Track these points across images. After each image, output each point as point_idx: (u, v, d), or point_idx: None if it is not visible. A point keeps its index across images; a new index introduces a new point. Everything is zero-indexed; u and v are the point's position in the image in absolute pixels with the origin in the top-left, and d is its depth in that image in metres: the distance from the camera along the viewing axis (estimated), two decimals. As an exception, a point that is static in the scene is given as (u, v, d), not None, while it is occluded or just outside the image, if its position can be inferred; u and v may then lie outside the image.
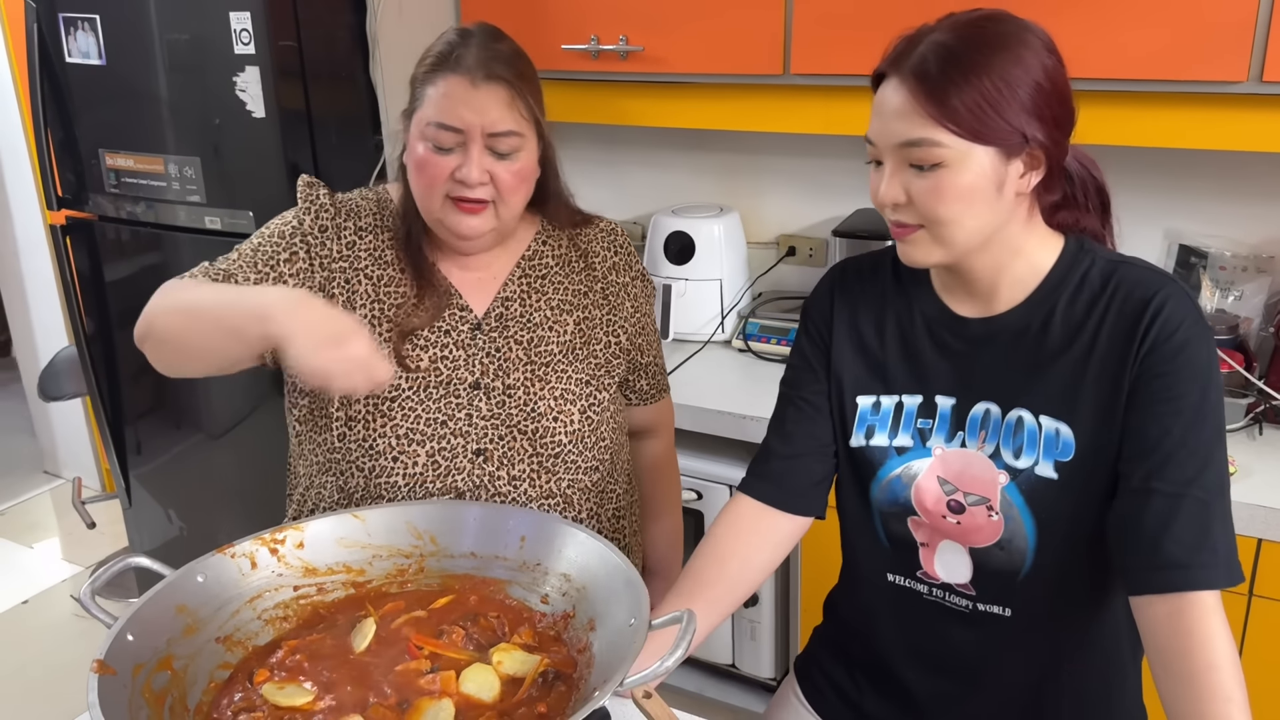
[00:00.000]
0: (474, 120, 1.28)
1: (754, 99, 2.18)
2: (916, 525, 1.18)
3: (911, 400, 1.19)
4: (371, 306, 1.37)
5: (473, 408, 1.36)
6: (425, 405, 1.35)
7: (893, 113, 1.05)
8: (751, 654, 2.25)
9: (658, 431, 1.64)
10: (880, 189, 1.09)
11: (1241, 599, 1.71)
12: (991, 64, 1.02)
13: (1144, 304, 1.07)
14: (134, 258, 2.55)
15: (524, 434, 1.37)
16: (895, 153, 1.06)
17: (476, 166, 1.29)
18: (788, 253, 2.54)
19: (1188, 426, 1.04)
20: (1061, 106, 1.06)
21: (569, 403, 1.39)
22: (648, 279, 1.55)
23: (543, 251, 1.46)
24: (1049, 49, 1.06)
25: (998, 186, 1.05)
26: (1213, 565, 1.02)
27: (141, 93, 2.31)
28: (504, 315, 1.41)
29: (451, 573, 1.20)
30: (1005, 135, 1.03)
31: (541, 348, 1.40)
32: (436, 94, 1.30)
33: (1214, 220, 2.11)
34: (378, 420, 1.34)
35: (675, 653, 0.96)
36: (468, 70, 1.28)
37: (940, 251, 1.10)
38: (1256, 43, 1.69)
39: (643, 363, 1.53)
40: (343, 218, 1.39)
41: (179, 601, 1.08)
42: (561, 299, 1.44)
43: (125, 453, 2.79)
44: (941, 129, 1.02)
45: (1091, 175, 1.16)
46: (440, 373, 1.36)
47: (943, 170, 1.04)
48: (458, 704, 1.00)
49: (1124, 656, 1.22)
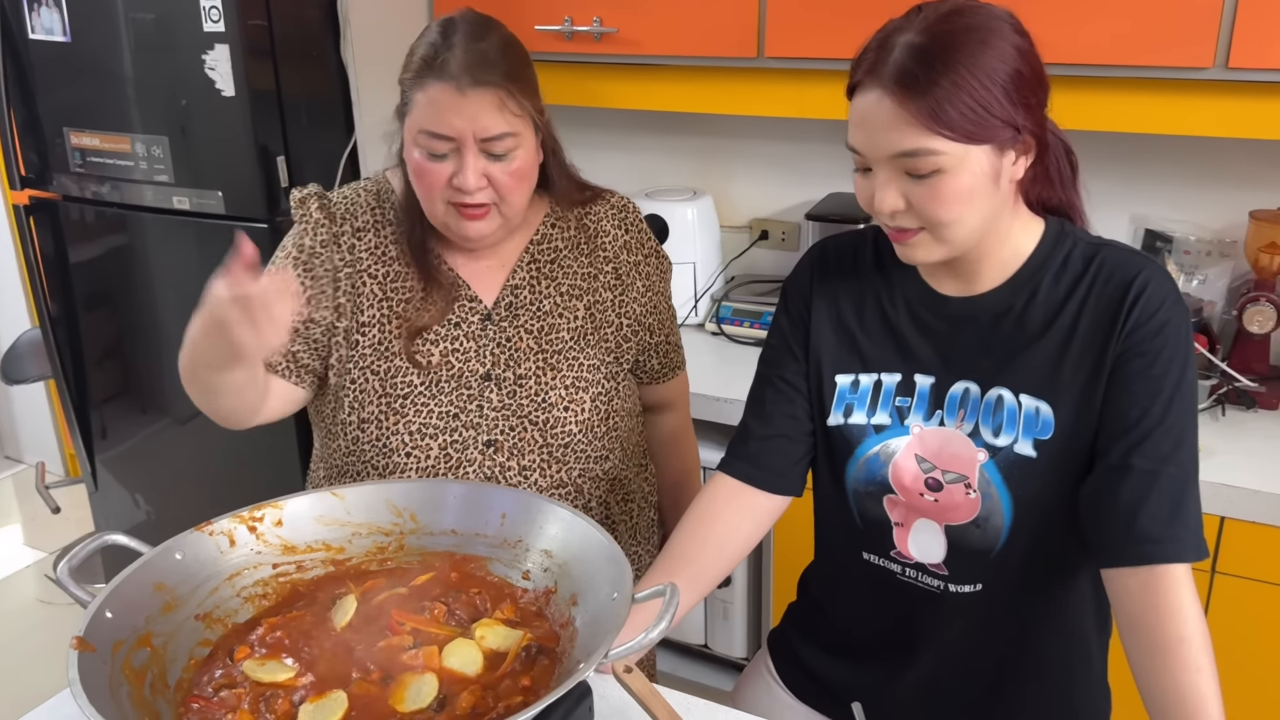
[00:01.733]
0: (465, 127, 1.25)
1: (728, 82, 2.18)
2: (893, 504, 1.20)
3: (890, 379, 1.20)
4: (380, 306, 1.36)
5: (484, 399, 1.36)
6: (438, 399, 1.35)
7: (880, 124, 1.04)
8: (724, 634, 2.27)
9: (673, 406, 1.62)
10: (876, 198, 1.07)
11: (1205, 575, 1.74)
12: (971, 60, 1.01)
13: (1126, 285, 1.09)
14: (100, 239, 2.51)
15: (534, 424, 1.36)
16: (889, 163, 1.05)
17: (472, 173, 1.26)
18: (760, 236, 2.55)
19: (1166, 405, 1.07)
20: (1040, 87, 1.07)
21: (580, 391, 1.38)
22: (662, 255, 1.52)
23: (551, 235, 1.44)
24: (1018, 30, 1.06)
25: (994, 180, 1.06)
26: (1184, 540, 1.05)
27: (107, 70, 2.28)
28: (514, 304, 1.39)
29: (432, 550, 1.20)
30: (998, 131, 1.03)
31: (552, 335, 1.39)
32: (425, 100, 1.26)
33: (1179, 205, 2.15)
34: (390, 419, 1.34)
35: (659, 624, 0.96)
36: (453, 77, 1.24)
37: (943, 250, 1.10)
38: (1222, 29, 1.72)
39: (653, 342, 1.51)
40: (339, 224, 1.37)
41: (157, 579, 1.07)
42: (571, 284, 1.42)
43: (91, 437, 2.75)
44: (936, 136, 1.01)
45: (1060, 140, 1.17)
46: (452, 366, 1.36)
47: (941, 176, 1.03)
48: (441, 678, 1.01)
49: (1089, 638, 1.24)
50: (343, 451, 1.38)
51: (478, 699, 0.98)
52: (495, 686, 1.00)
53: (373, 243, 1.37)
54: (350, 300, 1.35)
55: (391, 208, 1.39)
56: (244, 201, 2.22)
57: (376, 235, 1.38)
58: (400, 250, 1.38)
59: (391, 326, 1.35)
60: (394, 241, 1.38)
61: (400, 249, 1.38)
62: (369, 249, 1.37)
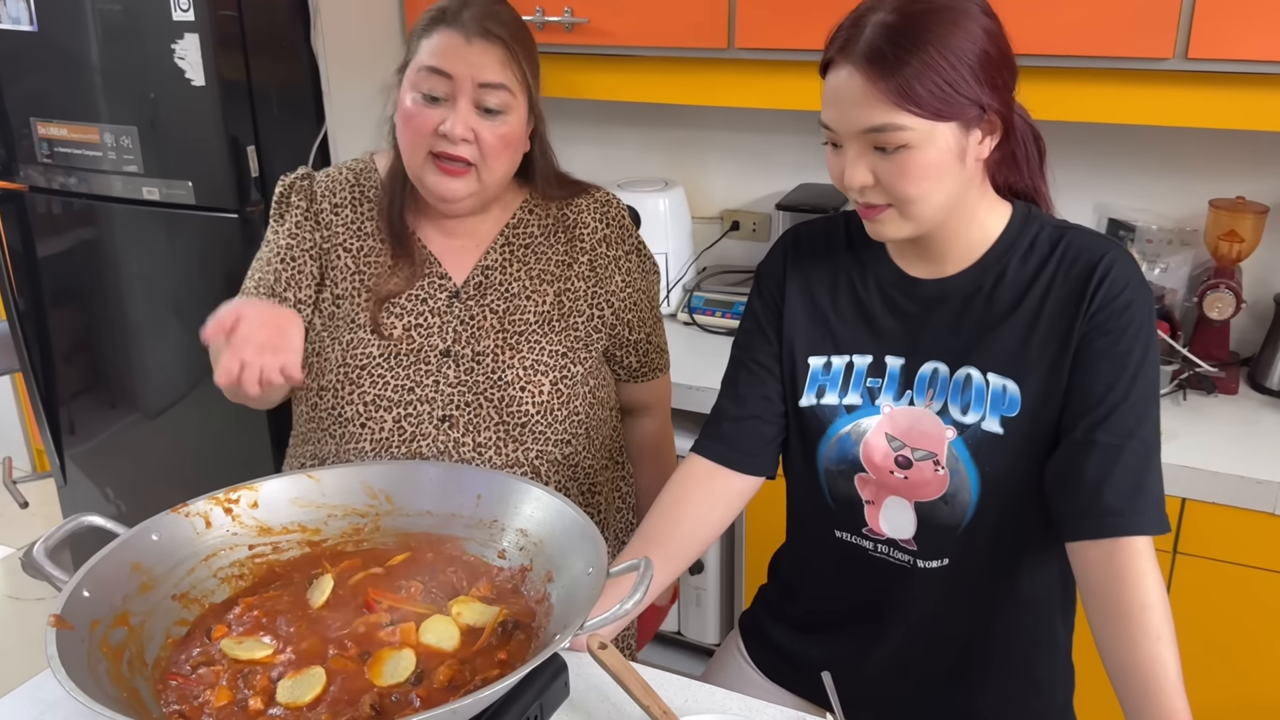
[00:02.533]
0: (465, 71, 1.28)
1: (698, 73, 2.20)
2: (864, 482, 1.22)
3: (861, 360, 1.22)
4: (352, 280, 1.38)
5: (440, 374, 1.37)
6: (395, 372, 1.36)
7: (850, 100, 1.06)
8: (697, 620, 2.29)
9: (650, 409, 1.61)
10: (845, 173, 1.10)
11: (1166, 556, 1.78)
12: (941, 40, 1.04)
13: (1092, 266, 1.12)
14: (68, 231, 2.49)
15: (490, 401, 1.37)
16: (858, 138, 1.08)
17: (462, 121, 1.28)
18: (732, 227, 2.57)
19: (1130, 382, 1.09)
20: (1008, 69, 1.10)
21: (539, 373, 1.38)
22: (645, 254, 1.51)
23: (528, 220, 1.44)
24: (986, 13, 1.08)
25: (960, 157, 1.08)
26: (1147, 513, 1.08)
27: (75, 60, 2.26)
28: (483, 284, 1.40)
29: (408, 531, 1.21)
30: (964, 109, 1.06)
31: (517, 316, 1.40)
32: (431, 45, 1.30)
33: (1142, 195, 2.19)
34: (346, 388, 1.35)
35: (634, 596, 0.98)
36: (463, 26, 1.29)
37: (910, 226, 1.12)
38: (1182, 21, 1.75)
39: (631, 339, 1.50)
40: (317, 201, 1.39)
41: (134, 559, 1.08)
42: (543, 269, 1.43)
43: (59, 431, 2.73)
44: (903, 112, 1.04)
45: (1028, 124, 1.19)
46: (413, 340, 1.37)
47: (908, 151, 1.06)
48: (418, 653, 1.02)
49: (1054, 613, 1.27)
50: (305, 418, 1.41)
51: (455, 673, 0.99)
52: (472, 661, 1.02)
53: (349, 218, 1.39)
54: (326, 273, 1.38)
55: (372, 187, 1.41)
56: (214, 192, 2.21)
57: (354, 211, 1.40)
58: (376, 226, 1.39)
59: (361, 299, 1.37)
60: (370, 218, 1.40)
61: (376, 225, 1.39)
62: (345, 224, 1.39)
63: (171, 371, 2.45)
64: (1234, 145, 2.07)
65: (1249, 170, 2.08)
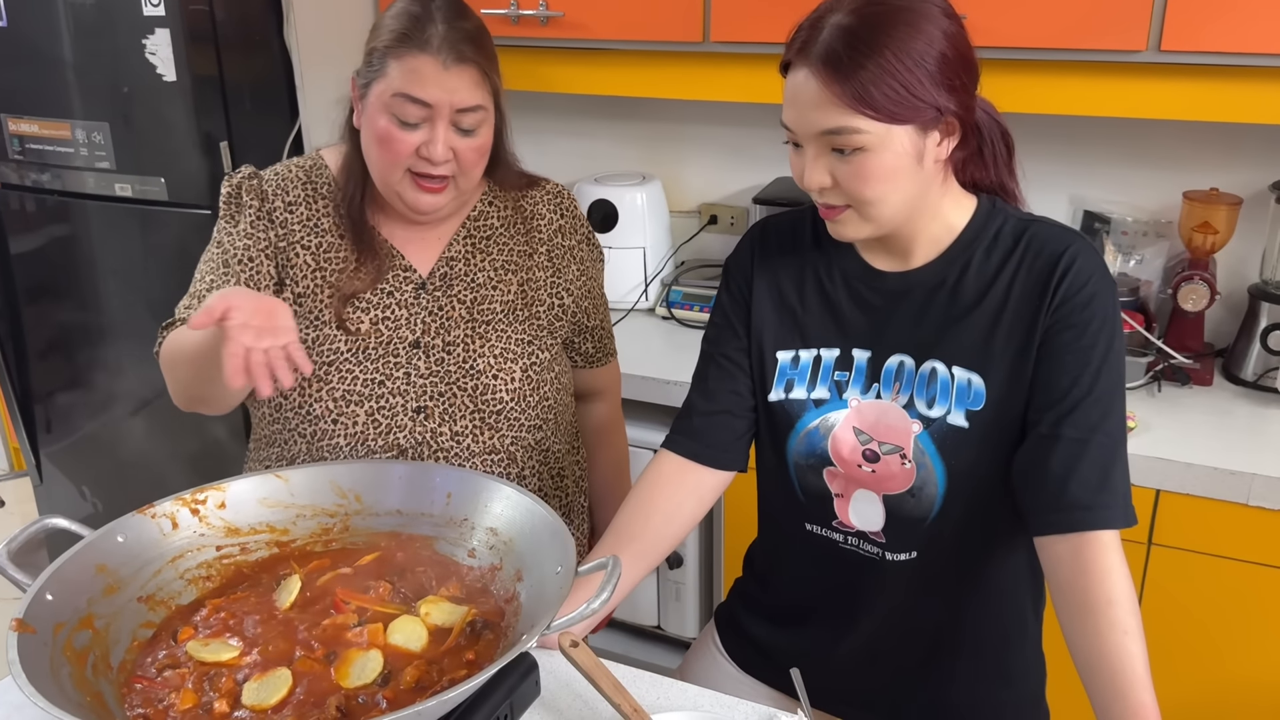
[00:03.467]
0: (443, 98, 1.27)
1: (674, 67, 2.19)
2: (832, 476, 1.22)
3: (829, 354, 1.22)
4: (313, 277, 1.37)
5: (411, 366, 1.37)
6: (363, 366, 1.35)
7: (808, 102, 1.06)
8: (676, 614, 2.29)
9: (604, 394, 1.65)
10: (805, 174, 1.10)
11: (1141, 547, 1.79)
12: (896, 43, 1.03)
13: (1055, 259, 1.12)
14: (41, 228, 2.47)
15: (464, 390, 1.38)
16: (816, 140, 1.08)
17: (442, 144, 1.29)
18: (710, 221, 2.56)
19: (1095, 376, 1.10)
20: (967, 71, 1.09)
21: (510, 361, 1.40)
22: (595, 244, 1.54)
23: (488, 213, 1.46)
24: (947, 14, 1.07)
25: (917, 159, 1.08)
26: (1113, 506, 1.08)
27: (46, 55, 2.24)
28: (448, 275, 1.41)
29: (377, 530, 1.21)
30: (921, 112, 1.05)
31: (485, 306, 1.41)
32: (404, 68, 1.27)
33: (1116, 187, 2.19)
34: (314, 385, 1.34)
35: (601, 595, 0.98)
36: (438, 51, 1.27)
37: (870, 227, 1.12)
38: (1155, 13, 1.76)
39: (589, 326, 1.53)
40: (270, 200, 1.38)
41: (99, 561, 1.07)
42: (506, 259, 1.44)
43: (35, 430, 2.72)
44: (859, 116, 1.04)
45: (996, 121, 1.19)
46: (381, 334, 1.37)
47: (864, 154, 1.06)
48: (386, 654, 1.02)
49: (1024, 606, 1.27)
50: (268, 419, 1.40)
51: (422, 673, 0.99)
52: (440, 661, 1.01)
53: (304, 215, 1.39)
54: (285, 272, 1.37)
55: (325, 183, 1.40)
56: (187, 188, 2.20)
57: (308, 208, 1.39)
58: (333, 222, 1.39)
59: (323, 296, 1.36)
60: (326, 214, 1.39)
61: (333, 221, 1.39)
62: (301, 221, 1.38)
63: (147, 368, 2.42)
64: (1208, 137, 2.07)
65: (1223, 162, 2.08)
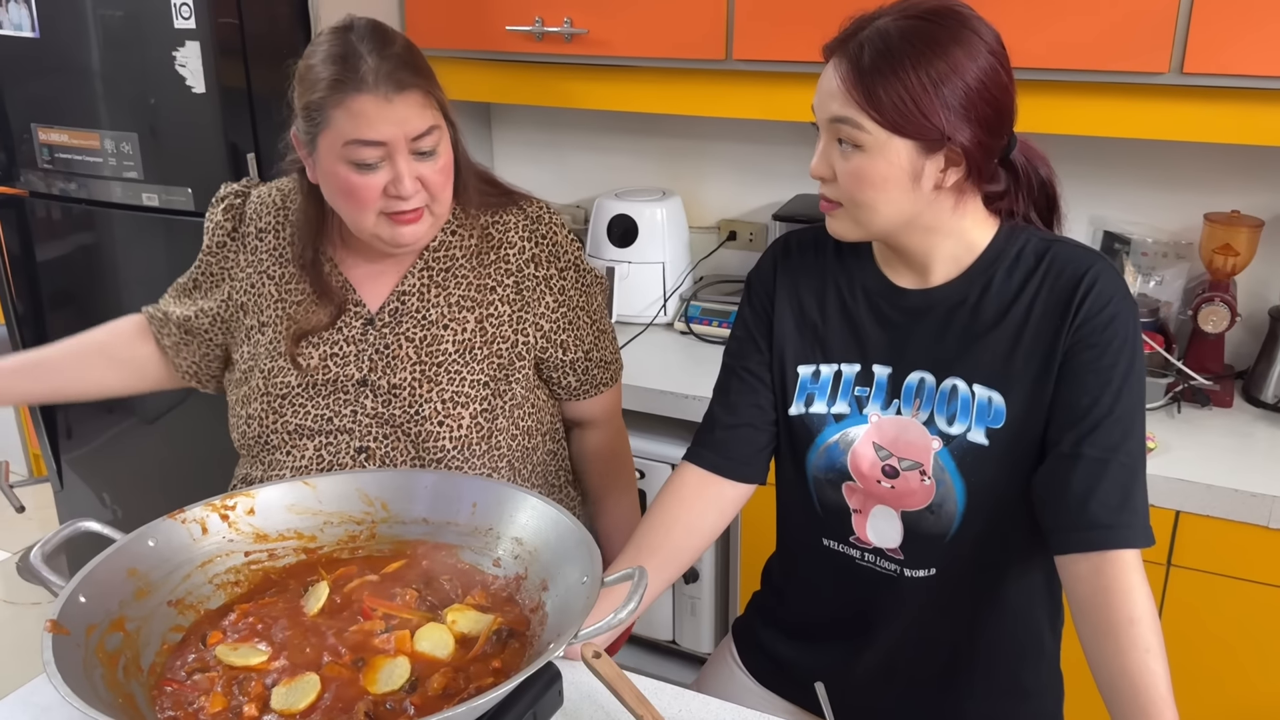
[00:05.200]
0: (395, 132, 1.24)
1: (696, 84, 2.21)
2: (851, 491, 1.22)
3: (850, 369, 1.23)
4: (275, 308, 1.39)
5: (359, 404, 1.36)
6: (315, 402, 1.36)
7: (828, 90, 1.10)
8: (692, 629, 2.29)
9: (597, 423, 1.58)
10: (812, 161, 1.14)
11: (1160, 569, 1.78)
12: (920, 58, 1.05)
13: (1077, 279, 1.12)
14: (67, 236, 2.50)
15: (407, 435, 1.36)
16: (827, 127, 1.12)
17: (409, 179, 1.26)
18: (729, 237, 2.57)
19: (1115, 396, 1.10)
20: (991, 109, 1.08)
21: (459, 406, 1.36)
22: (584, 269, 1.46)
23: (450, 243, 1.40)
24: (992, 51, 1.08)
25: (914, 178, 1.09)
26: (1135, 526, 1.08)
27: (76, 66, 2.27)
28: (399, 310, 1.38)
29: (403, 539, 1.22)
30: (925, 131, 1.06)
31: (435, 347, 1.37)
32: (348, 114, 1.24)
33: (1137, 208, 2.20)
34: (270, 418, 1.37)
35: (629, 605, 0.98)
36: (376, 86, 1.23)
37: (859, 230, 1.15)
38: (1177, 36, 1.77)
39: (566, 360, 1.46)
40: (245, 224, 1.41)
41: (130, 565, 1.08)
42: (463, 294, 1.39)
43: (56, 436, 2.73)
44: (865, 115, 1.07)
45: (1036, 170, 1.19)
46: (329, 370, 1.36)
47: (862, 154, 1.08)
48: (413, 661, 1.02)
49: (1040, 623, 1.27)
50: (237, 440, 1.44)
51: (449, 681, 1.00)
52: (466, 669, 1.02)
53: (273, 244, 1.40)
54: (251, 299, 1.40)
55: (296, 210, 1.40)
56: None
57: (276, 237, 1.40)
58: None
59: (283, 328, 1.37)
60: (292, 243, 1.39)
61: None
62: (269, 250, 1.40)
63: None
64: (1229, 159, 2.08)
65: (1244, 184, 2.09)
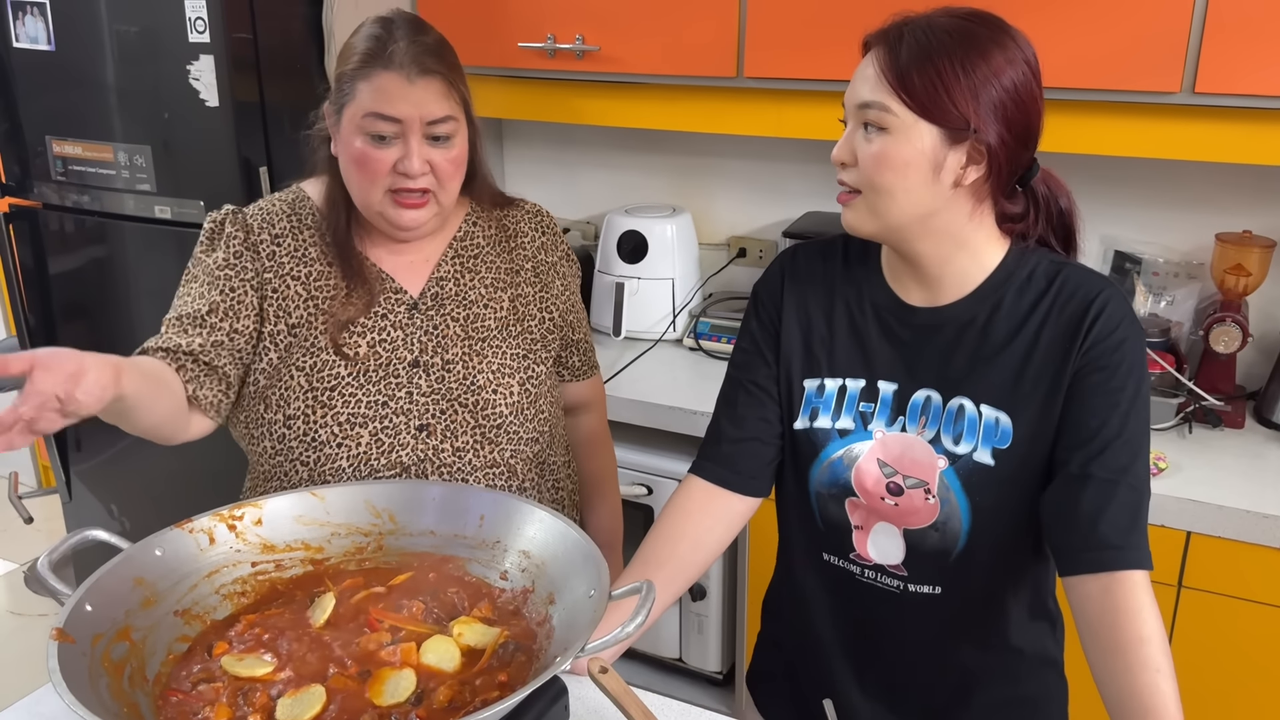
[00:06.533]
0: (412, 112, 1.30)
1: (707, 101, 2.22)
2: (854, 507, 1.22)
3: (855, 384, 1.22)
4: (305, 306, 1.38)
5: (412, 385, 1.38)
6: (365, 389, 1.37)
7: (861, 77, 1.11)
8: (699, 647, 2.28)
9: (592, 406, 1.69)
10: (836, 147, 1.14)
11: (1171, 590, 1.77)
12: (954, 50, 1.07)
13: (1087, 303, 1.13)
14: (80, 248, 2.51)
15: (465, 407, 1.40)
16: (854, 114, 1.12)
17: (418, 158, 1.31)
18: (738, 254, 2.58)
19: (1124, 419, 1.10)
20: (1020, 115, 1.09)
21: (508, 375, 1.42)
22: (573, 259, 1.59)
23: (473, 233, 1.49)
24: (1028, 62, 1.10)
25: (935, 169, 1.09)
26: (1142, 547, 1.08)
27: (91, 79, 2.29)
28: (440, 294, 1.43)
29: (410, 550, 1.21)
30: (951, 119, 1.07)
31: (478, 324, 1.43)
32: (372, 88, 1.31)
33: (1148, 228, 2.19)
34: (318, 411, 1.36)
35: (636, 619, 0.98)
36: (401, 66, 1.30)
37: (874, 221, 1.14)
38: (1189, 56, 1.77)
39: (575, 339, 1.58)
40: (256, 234, 1.40)
41: (137, 574, 1.08)
42: (495, 277, 1.47)
43: (66, 448, 2.74)
44: (894, 96, 1.08)
45: (1056, 199, 1.19)
46: (380, 355, 1.38)
47: (886, 137, 1.09)
48: (419, 674, 1.02)
49: (1044, 634, 1.27)
50: (269, 453, 1.39)
51: (455, 694, 0.99)
52: (472, 682, 1.01)
53: (291, 246, 1.40)
54: (275, 304, 1.38)
55: (309, 214, 1.42)
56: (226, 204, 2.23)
57: (295, 239, 1.41)
58: (320, 251, 1.40)
59: (318, 324, 1.38)
60: (313, 244, 1.41)
61: (320, 250, 1.40)
62: (288, 253, 1.40)
63: (179, 389, 2.46)
64: (1241, 179, 2.07)
65: (1256, 204, 2.08)
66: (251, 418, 1.40)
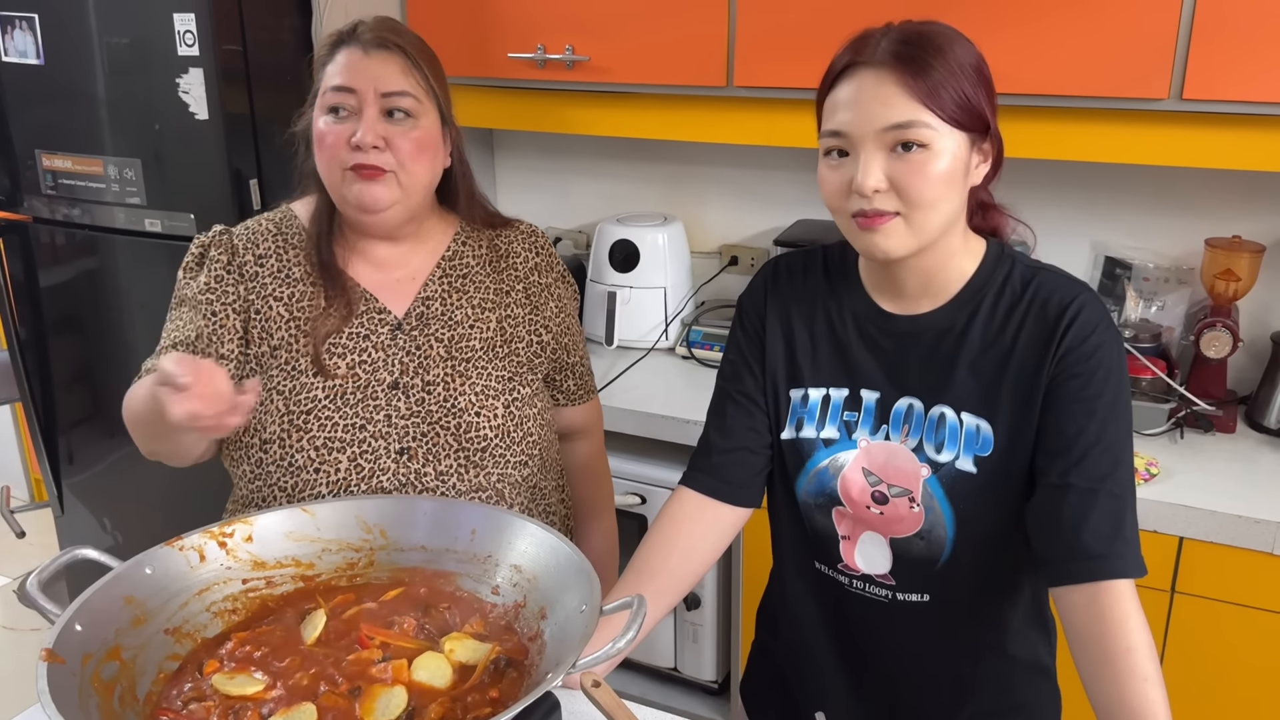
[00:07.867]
0: (367, 82, 1.31)
1: (698, 110, 2.22)
2: (840, 516, 1.22)
3: (838, 393, 1.23)
4: (287, 327, 1.37)
5: (391, 407, 1.36)
6: (342, 412, 1.35)
7: (874, 98, 1.07)
8: (693, 657, 2.27)
9: (587, 432, 1.65)
10: (857, 177, 1.08)
11: (1164, 595, 1.77)
12: (953, 53, 1.08)
13: (1062, 309, 1.13)
14: (70, 261, 2.51)
15: (447, 429, 1.37)
16: (877, 138, 1.07)
17: (370, 128, 1.30)
18: (730, 262, 2.58)
19: (1102, 425, 1.10)
20: (993, 96, 1.13)
21: (491, 397, 1.40)
22: (570, 281, 1.56)
23: (463, 252, 1.46)
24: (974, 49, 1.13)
25: (965, 173, 1.11)
26: (1127, 556, 1.08)
27: (81, 93, 2.28)
28: (425, 315, 1.41)
29: (401, 566, 1.21)
30: (977, 121, 1.09)
31: (463, 344, 1.41)
32: (333, 67, 1.34)
33: (1138, 233, 2.20)
34: (294, 436, 1.34)
35: (627, 634, 0.98)
36: (361, 41, 1.33)
37: (912, 241, 1.10)
38: (1176, 63, 1.77)
39: (569, 362, 1.54)
40: (240, 255, 1.39)
41: (127, 593, 1.07)
42: (484, 297, 1.45)
43: (58, 461, 2.73)
44: (928, 111, 1.06)
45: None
46: (358, 377, 1.36)
47: (926, 152, 1.07)
48: (410, 691, 1.01)
49: (1036, 642, 1.27)
50: (248, 477, 1.38)
51: (446, 710, 0.99)
52: (464, 698, 1.01)
53: (275, 267, 1.39)
54: (259, 326, 1.37)
55: (295, 233, 1.41)
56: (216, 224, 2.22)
57: (279, 260, 1.39)
58: (304, 271, 1.39)
59: (299, 346, 1.36)
60: (297, 264, 1.39)
61: (304, 270, 1.39)
62: (272, 274, 1.39)
63: (171, 402, 2.46)
64: (1230, 185, 2.08)
65: (1245, 209, 2.09)
66: (230, 441, 1.39)
